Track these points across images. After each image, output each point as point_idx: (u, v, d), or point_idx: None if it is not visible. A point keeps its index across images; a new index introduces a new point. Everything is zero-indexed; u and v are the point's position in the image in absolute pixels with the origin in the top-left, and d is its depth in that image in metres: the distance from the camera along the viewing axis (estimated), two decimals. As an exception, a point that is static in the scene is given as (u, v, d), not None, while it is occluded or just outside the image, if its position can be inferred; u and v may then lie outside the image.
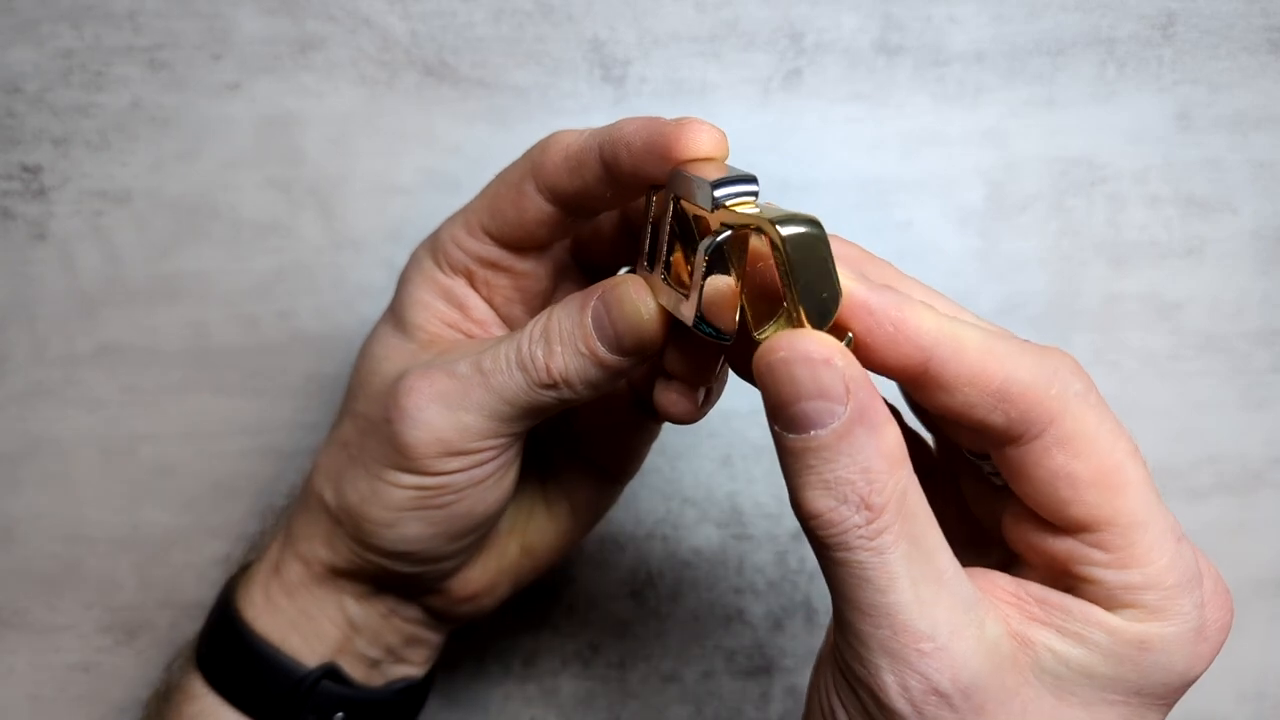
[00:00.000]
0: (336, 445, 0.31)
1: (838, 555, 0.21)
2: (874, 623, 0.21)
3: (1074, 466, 0.22)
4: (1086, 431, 0.22)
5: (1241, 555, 0.42)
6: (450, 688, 0.43)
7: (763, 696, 0.43)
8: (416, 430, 0.27)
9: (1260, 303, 0.42)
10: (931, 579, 0.21)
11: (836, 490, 0.21)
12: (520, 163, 0.28)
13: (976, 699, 0.21)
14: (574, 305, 0.27)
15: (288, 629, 0.32)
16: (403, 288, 0.31)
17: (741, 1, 0.42)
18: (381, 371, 0.30)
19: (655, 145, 0.24)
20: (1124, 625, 0.22)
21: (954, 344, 0.21)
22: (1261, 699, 0.42)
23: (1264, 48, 0.42)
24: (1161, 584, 0.22)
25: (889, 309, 0.21)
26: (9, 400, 0.43)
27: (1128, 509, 0.22)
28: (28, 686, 0.43)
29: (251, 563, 0.34)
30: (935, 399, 0.22)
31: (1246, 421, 0.43)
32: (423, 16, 0.42)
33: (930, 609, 0.21)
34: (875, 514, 0.21)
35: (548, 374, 0.26)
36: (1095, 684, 0.22)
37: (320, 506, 0.31)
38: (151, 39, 0.42)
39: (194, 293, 0.43)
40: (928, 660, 0.21)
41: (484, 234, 0.29)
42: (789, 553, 0.43)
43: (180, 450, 0.43)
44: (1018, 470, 0.23)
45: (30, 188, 0.43)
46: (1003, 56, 0.42)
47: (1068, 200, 0.42)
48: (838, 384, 0.21)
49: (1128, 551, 0.22)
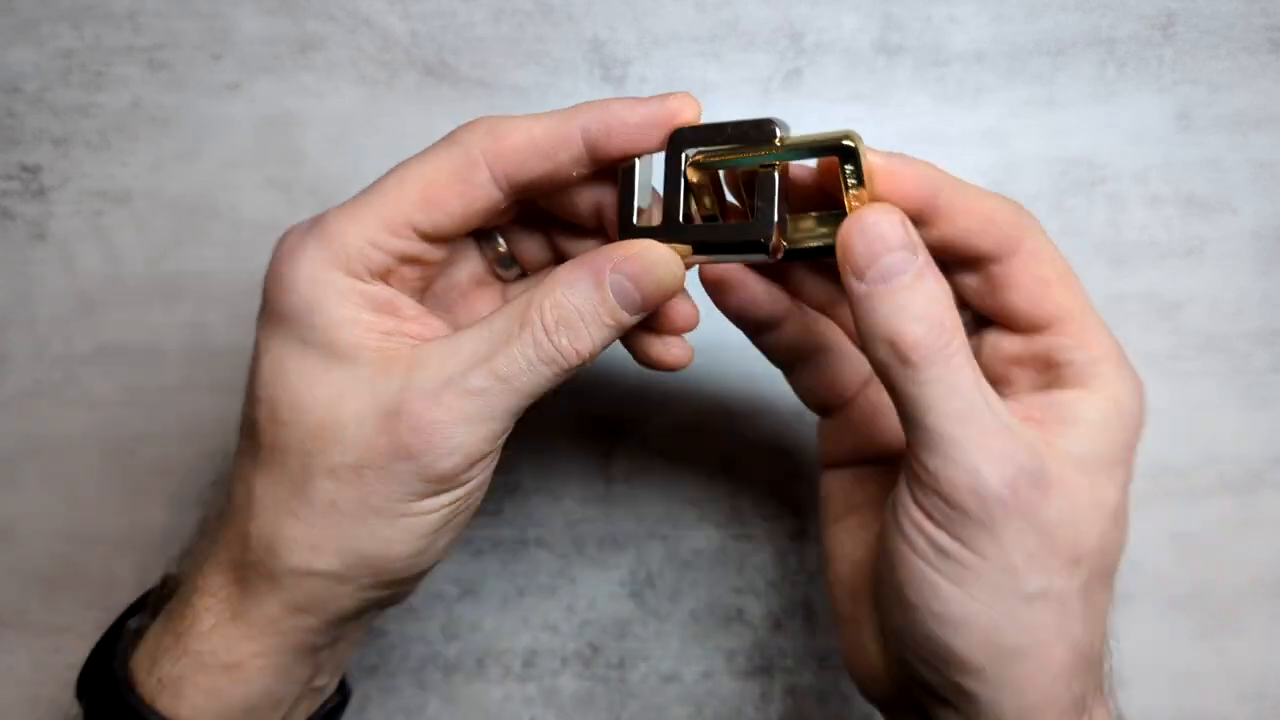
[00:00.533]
0: (317, 511, 0.27)
1: (931, 374, 0.25)
2: (964, 424, 0.25)
3: (1044, 272, 0.28)
4: (1046, 247, 0.28)
5: (1241, 555, 0.42)
6: (450, 688, 0.43)
7: (763, 696, 0.43)
8: (453, 458, 0.27)
9: (1260, 303, 0.42)
10: (988, 389, 0.26)
11: (927, 318, 0.25)
12: (451, 153, 0.27)
13: (1046, 479, 0.26)
14: (585, 283, 0.27)
15: (239, 716, 0.29)
16: (311, 312, 0.27)
17: (741, 1, 0.42)
18: (340, 414, 0.27)
19: (655, 118, 0.27)
20: (1100, 396, 0.28)
21: (953, 185, 0.27)
22: (1261, 699, 0.42)
23: (1264, 47, 0.42)
24: (1112, 355, 0.28)
25: (909, 166, 0.27)
26: (9, 400, 0.43)
27: (1081, 302, 0.28)
28: (28, 686, 0.43)
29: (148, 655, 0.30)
30: (942, 228, 0.27)
31: (1246, 421, 0.43)
32: (423, 16, 0.42)
33: (998, 409, 0.26)
34: (952, 334, 0.25)
35: (576, 358, 0.27)
36: (1104, 453, 0.27)
37: (293, 583, 0.28)
38: (151, 39, 0.42)
39: (194, 293, 0.43)
40: (1013, 446, 0.26)
41: (411, 231, 0.27)
42: (789, 553, 0.43)
43: (180, 450, 0.43)
44: (1003, 282, 0.28)
45: (30, 187, 0.43)
46: (1003, 56, 0.42)
47: (1068, 200, 0.42)
48: (912, 237, 0.26)
49: (1087, 335, 0.28)
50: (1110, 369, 0.28)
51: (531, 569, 0.43)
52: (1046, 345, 0.28)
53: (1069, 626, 0.27)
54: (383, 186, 0.28)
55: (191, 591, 0.29)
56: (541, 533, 0.43)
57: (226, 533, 0.29)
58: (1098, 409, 0.27)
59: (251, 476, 0.28)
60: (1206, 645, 0.42)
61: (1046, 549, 0.26)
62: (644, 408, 0.43)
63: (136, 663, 0.29)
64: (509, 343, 0.26)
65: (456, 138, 0.27)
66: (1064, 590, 0.26)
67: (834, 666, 0.43)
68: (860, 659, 0.31)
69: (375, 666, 0.43)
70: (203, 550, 0.30)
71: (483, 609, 0.43)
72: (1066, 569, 0.26)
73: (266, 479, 0.28)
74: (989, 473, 0.25)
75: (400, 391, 0.26)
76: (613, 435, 0.43)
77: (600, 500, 0.43)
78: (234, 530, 0.29)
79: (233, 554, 0.29)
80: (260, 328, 0.28)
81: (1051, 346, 0.28)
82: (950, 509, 0.26)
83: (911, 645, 0.28)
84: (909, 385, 0.26)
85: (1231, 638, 0.42)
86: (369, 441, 0.26)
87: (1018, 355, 0.29)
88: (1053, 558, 0.26)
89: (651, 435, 0.43)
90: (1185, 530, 0.43)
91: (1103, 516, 0.27)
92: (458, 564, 0.43)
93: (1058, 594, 0.26)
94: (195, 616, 0.29)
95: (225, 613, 0.29)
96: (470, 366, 0.26)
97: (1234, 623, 0.42)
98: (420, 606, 0.43)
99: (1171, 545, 0.43)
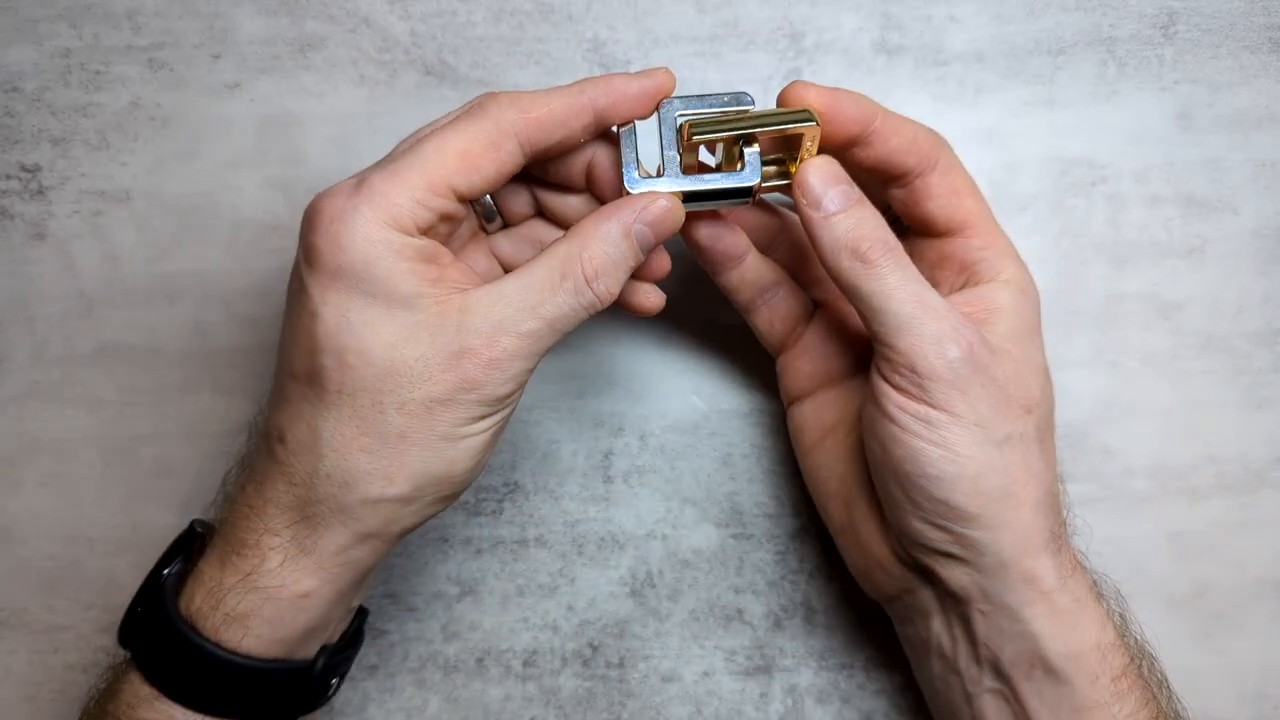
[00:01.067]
0: (389, 445, 0.31)
1: (888, 267, 0.32)
2: (923, 304, 0.31)
3: (957, 183, 0.34)
4: (957, 163, 0.34)
5: (1241, 555, 0.42)
6: (450, 687, 0.43)
7: (763, 696, 0.43)
8: (508, 385, 0.31)
9: (1260, 303, 0.42)
10: (926, 283, 0.32)
11: (876, 229, 0.32)
12: (483, 125, 0.31)
13: (992, 345, 0.32)
14: (615, 234, 0.32)
15: (298, 642, 0.33)
16: (370, 266, 0.30)
17: (741, 1, 0.42)
18: (406, 355, 0.30)
19: (648, 89, 0.32)
20: (1009, 285, 0.34)
21: (884, 113, 0.33)
22: (1261, 699, 0.42)
23: (1265, 47, 0.42)
24: (1010, 252, 0.35)
25: (850, 100, 0.33)
26: (9, 400, 0.43)
27: (984, 208, 0.35)
28: (27, 687, 0.43)
29: (210, 595, 0.32)
30: (877, 150, 0.33)
31: (1246, 421, 0.43)
32: (423, 16, 0.42)
33: (939, 295, 0.32)
34: (891, 244, 0.32)
35: (609, 299, 0.32)
36: (1023, 327, 0.34)
37: (365, 511, 0.32)
38: (151, 39, 0.42)
39: (194, 293, 0.43)
40: (961, 321, 0.32)
41: (451, 192, 0.31)
42: (789, 552, 0.43)
43: (180, 450, 0.43)
44: (925, 193, 0.34)
45: (29, 187, 0.43)
46: (1003, 56, 0.42)
47: (1068, 200, 0.42)
48: (849, 178, 0.33)
49: (991, 236, 0.35)
50: (1010, 262, 0.34)
51: (531, 569, 0.43)
52: (962, 246, 0.35)
53: (1034, 465, 0.32)
54: (422, 153, 0.31)
55: (253, 533, 0.32)
56: (541, 533, 0.43)
57: (284, 477, 0.32)
58: (1009, 295, 0.34)
59: (315, 420, 0.31)
60: (1206, 645, 0.42)
61: (1004, 401, 0.32)
62: (644, 408, 0.43)
63: (195, 604, 0.32)
64: (554, 292, 0.31)
65: (485, 110, 0.31)
66: (1025, 434, 0.32)
67: (834, 666, 0.43)
68: (863, 559, 0.37)
69: (375, 666, 0.43)
70: (253, 498, 0.32)
71: (483, 609, 0.43)
72: (1023, 416, 0.32)
73: (334, 420, 0.31)
74: (950, 340, 0.31)
75: (458, 334, 0.31)
76: (613, 435, 0.43)
77: (600, 500, 0.43)
78: (296, 472, 0.31)
79: (296, 495, 0.32)
80: (313, 284, 0.31)
81: (965, 247, 0.34)
82: (923, 379, 0.31)
83: (917, 512, 0.33)
84: (872, 282, 0.32)
85: (1231, 638, 0.42)
86: (436, 378, 0.30)
87: (939, 258, 0.35)
88: (1010, 407, 0.32)
89: (651, 435, 0.43)
90: (1185, 530, 0.43)
91: (1037, 372, 0.34)
92: (457, 564, 0.43)
93: (1020, 437, 0.32)
94: (262, 556, 0.32)
95: (293, 549, 0.32)
96: (519, 312, 0.31)
97: (1234, 623, 0.42)
98: (420, 606, 0.43)
99: (1171, 545, 0.43)
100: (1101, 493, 0.43)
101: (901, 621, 0.37)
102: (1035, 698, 0.33)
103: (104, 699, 0.33)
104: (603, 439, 0.43)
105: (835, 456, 0.38)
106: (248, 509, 0.32)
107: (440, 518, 0.43)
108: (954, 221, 0.34)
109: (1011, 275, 0.34)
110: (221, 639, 0.31)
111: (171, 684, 0.32)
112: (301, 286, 0.31)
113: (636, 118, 0.33)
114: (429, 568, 0.43)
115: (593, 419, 0.43)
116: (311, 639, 0.33)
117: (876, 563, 0.36)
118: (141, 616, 0.33)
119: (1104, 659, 0.32)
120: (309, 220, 0.31)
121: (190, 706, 0.32)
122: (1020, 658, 0.33)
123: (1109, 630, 0.33)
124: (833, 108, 0.32)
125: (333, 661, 0.34)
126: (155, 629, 0.32)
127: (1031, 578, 0.32)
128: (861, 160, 0.34)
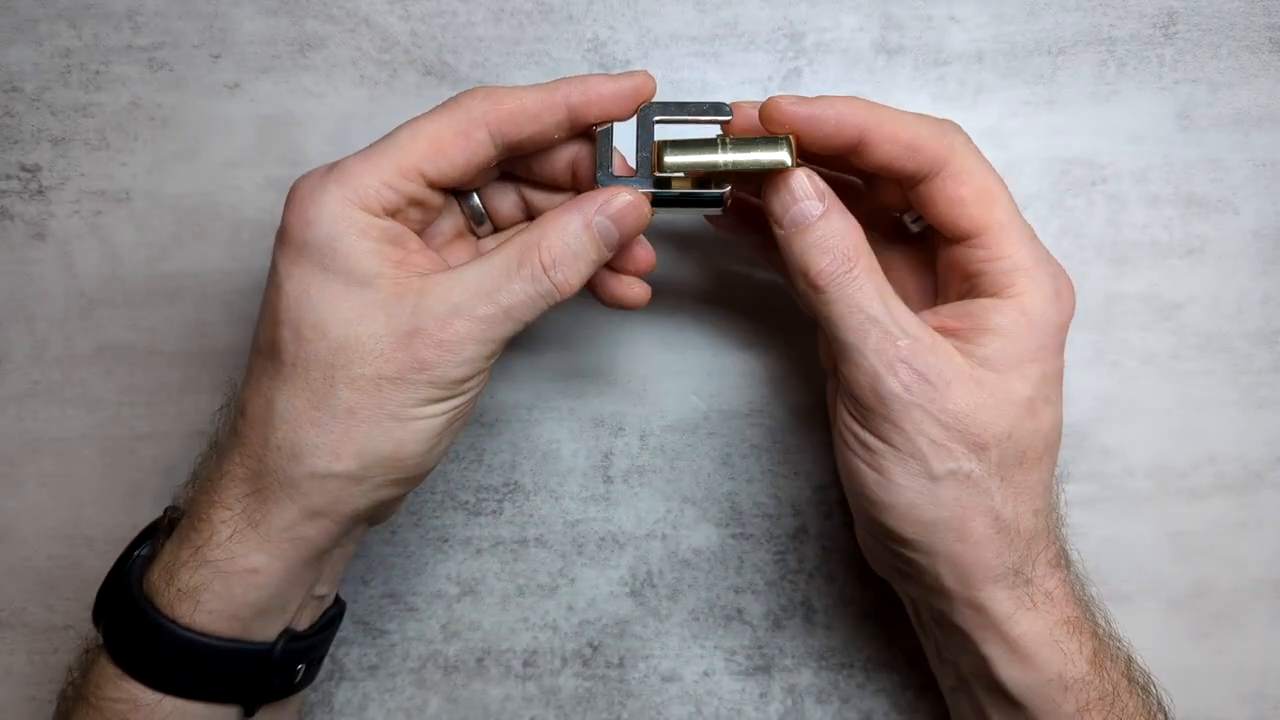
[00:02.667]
0: (337, 419, 0.31)
1: (834, 295, 0.31)
2: (864, 335, 0.31)
3: (961, 191, 0.32)
4: (968, 167, 0.32)
5: (1241, 555, 0.42)
6: (450, 687, 0.43)
7: (763, 696, 0.43)
8: (460, 369, 0.31)
9: (1260, 303, 0.42)
10: (894, 300, 0.32)
11: (831, 251, 0.31)
12: (455, 114, 0.32)
13: (945, 378, 0.31)
14: (574, 226, 0.32)
15: (251, 620, 0.33)
16: (333, 242, 0.31)
17: (741, 1, 0.42)
18: (360, 332, 0.31)
19: (623, 91, 0.32)
20: (1011, 304, 0.32)
21: (881, 117, 0.32)
22: (1262, 699, 0.42)
23: (1265, 47, 0.42)
24: (1023, 266, 0.32)
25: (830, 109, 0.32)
26: (9, 400, 0.43)
27: (995, 217, 0.32)
28: (27, 687, 0.43)
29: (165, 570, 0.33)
30: (871, 157, 0.32)
31: (1246, 421, 0.43)
32: (423, 16, 0.42)
33: (900, 319, 0.31)
34: (854, 261, 0.31)
35: (568, 289, 0.32)
36: (1012, 353, 0.32)
37: (313, 487, 0.31)
38: (151, 38, 0.42)
39: (194, 293, 0.43)
40: (908, 351, 0.31)
41: (420, 177, 0.31)
42: (789, 553, 0.43)
43: (180, 450, 0.43)
44: (928, 200, 0.33)
45: (29, 187, 0.43)
46: (1003, 56, 0.42)
47: (1068, 200, 0.42)
48: (819, 187, 0.32)
49: (999, 248, 0.32)
50: (1023, 279, 0.32)
51: (531, 569, 0.43)
52: (965, 256, 0.33)
53: (982, 502, 0.31)
54: (395, 139, 0.32)
55: (206, 507, 0.32)
56: (541, 533, 0.43)
57: (240, 450, 0.32)
58: (1007, 315, 0.32)
59: (271, 392, 0.32)
60: (1206, 645, 0.42)
61: (949, 436, 0.31)
62: (644, 408, 0.43)
63: (152, 580, 0.32)
64: (510, 279, 0.31)
65: (459, 101, 0.32)
66: (972, 471, 0.31)
67: (834, 666, 0.43)
68: (866, 544, 0.37)
69: (375, 666, 0.43)
70: (213, 471, 0.33)
71: (483, 609, 0.43)
72: (973, 453, 0.31)
73: (288, 392, 0.31)
74: (885, 374, 0.31)
75: (413, 314, 0.31)
76: (613, 435, 0.43)
77: (600, 500, 0.43)
78: (251, 444, 0.32)
79: (249, 468, 0.32)
80: (280, 258, 0.32)
81: (969, 258, 0.33)
82: (862, 407, 0.32)
83: (867, 528, 0.34)
84: (821, 308, 0.32)
85: (1231, 638, 0.42)
86: (387, 355, 0.31)
87: (947, 264, 0.34)
88: (956, 444, 0.31)
89: (651, 435, 0.43)
90: (1185, 530, 0.43)
91: (1011, 406, 0.32)
92: (458, 564, 0.43)
93: (965, 474, 0.31)
94: (213, 529, 0.32)
95: (242, 522, 0.32)
96: (475, 296, 0.31)
97: (1234, 623, 0.42)
98: (420, 606, 0.43)
99: (1171, 545, 0.43)
100: (1101, 493, 0.43)
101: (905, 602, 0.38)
102: (996, 712, 0.33)
103: (78, 681, 0.34)
104: (603, 439, 0.43)
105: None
106: (206, 484, 0.33)
107: (440, 518, 0.43)
108: (959, 230, 0.33)
109: (1019, 295, 0.32)
110: (175, 614, 0.32)
111: (133, 662, 0.32)
112: (272, 261, 0.32)
113: (612, 119, 0.33)
114: (429, 568, 0.43)
115: (593, 419, 0.43)
116: (267, 619, 0.33)
117: (872, 554, 0.37)
118: (108, 596, 0.34)
119: (1065, 692, 0.32)
120: (287, 201, 0.32)
121: (150, 685, 0.32)
122: (975, 674, 0.34)
123: (1077, 665, 0.32)
124: (810, 123, 0.32)
125: (296, 646, 0.34)
126: (118, 607, 0.33)
127: (978, 607, 0.32)
128: (860, 167, 0.33)
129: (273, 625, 0.34)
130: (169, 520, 0.35)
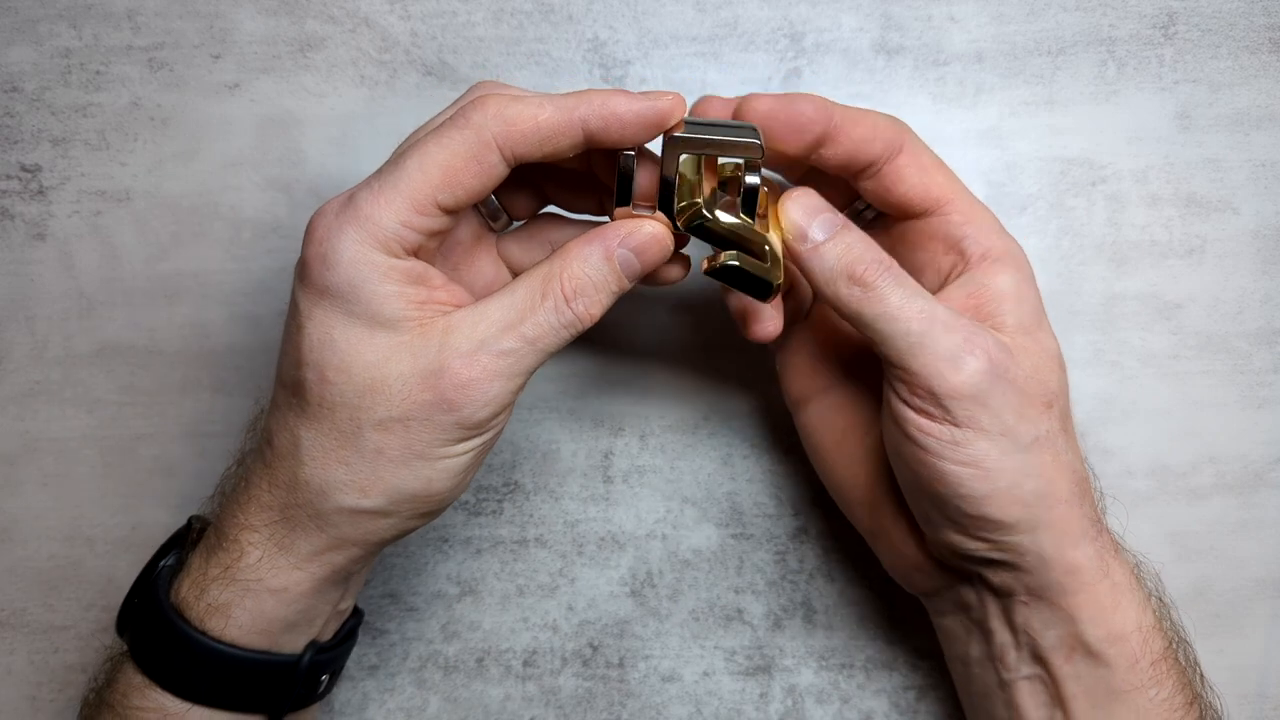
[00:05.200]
0: (365, 459, 0.31)
1: (888, 286, 0.31)
2: (930, 320, 0.31)
3: (924, 162, 0.34)
4: (921, 146, 0.34)
5: (1241, 555, 0.42)
6: (450, 687, 0.43)
7: (763, 696, 0.43)
8: (488, 408, 0.31)
9: (1260, 303, 0.42)
10: (929, 294, 0.32)
11: (869, 250, 0.32)
12: (465, 137, 0.30)
13: (1006, 345, 0.31)
14: (595, 256, 0.32)
15: (280, 634, 0.33)
16: (355, 288, 0.30)
17: (741, 1, 0.42)
18: (385, 374, 0.30)
19: (646, 118, 0.31)
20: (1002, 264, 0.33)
21: (841, 108, 0.33)
22: (1262, 699, 0.42)
23: (1265, 47, 0.42)
24: (993, 224, 0.34)
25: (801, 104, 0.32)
26: (9, 400, 0.43)
27: (958, 183, 0.34)
28: (27, 687, 0.43)
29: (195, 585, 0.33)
30: (842, 143, 0.33)
31: (1246, 421, 0.43)
32: (423, 16, 0.42)
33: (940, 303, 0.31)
34: (886, 263, 0.31)
35: (589, 320, 0.32)
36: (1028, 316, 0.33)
37: (341, 520, 0.32)
38: (151, 38, 0.42)
39: (194, 293, 0.43)
40: (971, 326, 0.31)
41: (436, 209, 0.31)
42: (789, 553, 0.43)
43: (180, 450, 0.43)
44: (895, 177, 0.33)
45: (29, 187, 0.43)
46: (1003, 56, 0.42)
47: (1068, 200, 0.42)
48: (828, 205, 0.33)
49: (970, 210, 0.34)
50: (997, 235, 0.34)
51: (531, 569, 0.43)
52: (944, 223, 0.34)
53: (1063, 457, 0.32)
54: (405, 169, 0.30)
55: (235, 529, 0.32)
56: (541, 533, 0.43)
57: (268, 478, 0.32)
58: (1008, 277, 0.33)
59: (297, 429, 0.32)
60: (1206, 645, 0.42)
61: (1026, 402, 0.31)
62: (644, 408, 0.43)
63: (182, 593, 0.33)
64: (534, 310, 0.31)
65: (469, 120, 0.30)
66: (1050, 430, 0.32)
67: (834, 666, 0.43)
68: (898, 562, 0.37)
69: (375, 666, 0.43)
70: (240, 493, 0.33)
71: (483, 609, 0.43)
72: (1045, 413, 0.32)
73: (314, 431, 0.31)
74: (965, 352, 0.30)
75: (439, 354, 0.30)
76: (613, 435, 0.43)
77: (600, 500, 0.43)
78: (279, 475, 0.32)
79: (277, 497, 0.32)
80: (302, 297, 0.31)
81: (947, 224, 0.34)
82: (943, 398, 0.31)
83: (957, 529, 0.32)
84: (875, 305, 0.31)
85: (1231, 638, 0.42)
86: (414, 398, 0.30)
87: (922, 239, 0.35)
88: (1032, 407, 0.31)
89: (651, 435, 0.43)
90: (1185, 530, 0.43)
91: (1052, 360, 0.33)
92: (458, 564, 0.43)
93: (1046, 435, 0.32)
94: (242, 551, 0.32)
95: (271, 546, 0.32)
96: (500, 331, 0.31)
97: (1234, 623, 0.42)
98: (420, 606, 0.43)
99: (1171, 545, 0.43)
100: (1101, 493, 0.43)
101: (939, 614, 0.37)
102: (1073, 681, 0.33)
103: (102, 689, 0.34)
104: (603, 439, 0.43)
105: (852, 460, 0.37)
106: (234, 505, 0.33)
107: (440, 518, 0.43)
108: (930, 199, 0.34)
109: (1001, 250, 0.33)
110: (206, 628, 0.32)
111: (162, 672, 0.32)
112: (293, 298, 0.32)
113: (634, 145, 0.32)
114: (429, 568, 0.43)
115: (593, 419, 0.43)
116: (295, 632, 0.34)
117: (911, 565, 0.36)
118: (136, 607, 0.34)
119: (1144, 642, 0.32)
120: (306, 235, 0.31)
121: (180, 695, 0.32)
122: (1060, 642, 0.33)
123: (1148, 613, 0.33)
124: (789, 110, 0.32)
125: (321, 658, 0.35)
126: (147, 618, 0.33)
127: (1073, 569, 0.32)
128: (830, 159, 0.33)
129: (300, 638, 0.34)
130: (195, 532, 0.35)
